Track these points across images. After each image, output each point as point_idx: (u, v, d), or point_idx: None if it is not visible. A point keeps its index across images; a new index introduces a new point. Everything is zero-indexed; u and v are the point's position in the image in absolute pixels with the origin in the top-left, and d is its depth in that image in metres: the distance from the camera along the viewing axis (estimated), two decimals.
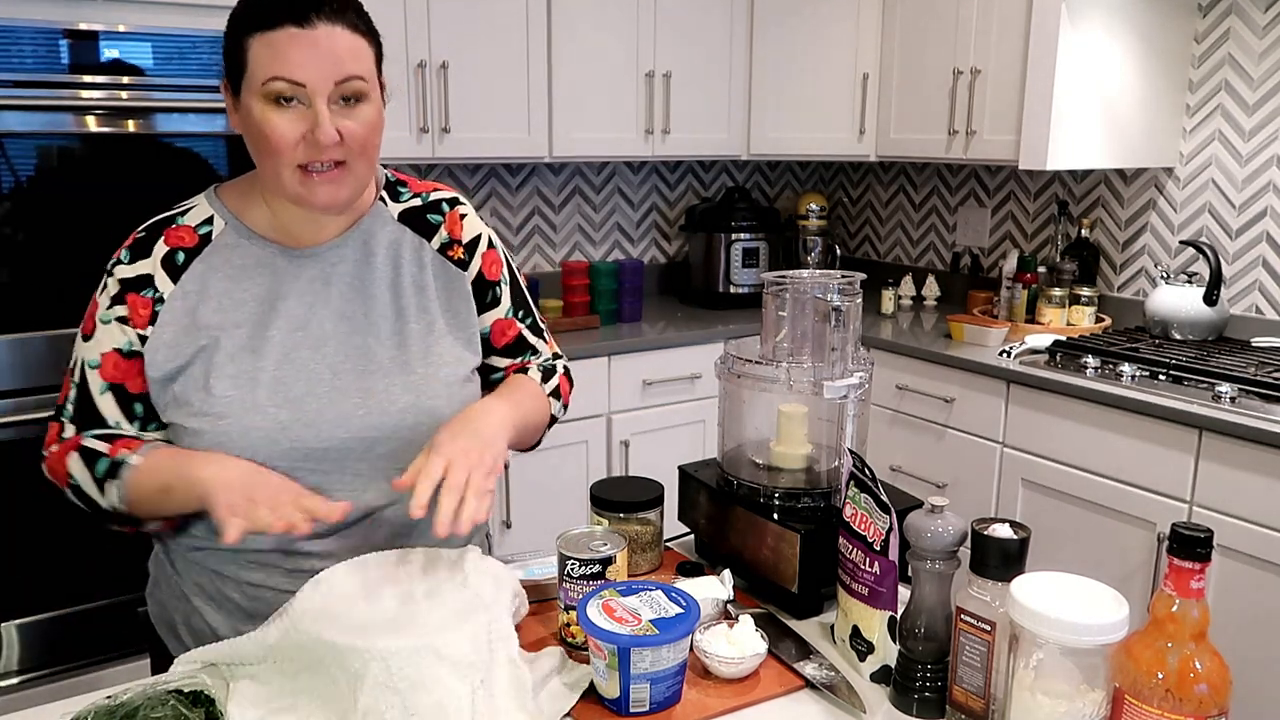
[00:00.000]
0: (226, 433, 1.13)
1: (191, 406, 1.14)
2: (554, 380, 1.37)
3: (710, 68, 3.12)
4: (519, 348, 1.37)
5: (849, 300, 1.22)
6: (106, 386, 1.17)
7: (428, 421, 1.20)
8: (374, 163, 1.19)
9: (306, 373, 1.17)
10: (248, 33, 1.09)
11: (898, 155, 3.13)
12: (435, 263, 1.28)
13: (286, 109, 1.09)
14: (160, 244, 1.19)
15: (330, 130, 1.09)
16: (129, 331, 1.17)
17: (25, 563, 2.12)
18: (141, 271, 1.17)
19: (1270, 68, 2.52)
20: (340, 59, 1.09)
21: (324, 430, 1.16)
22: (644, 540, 1.29)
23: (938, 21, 2.91)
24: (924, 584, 1.01)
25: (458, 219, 1.31)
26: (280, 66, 1.07)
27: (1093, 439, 2.29)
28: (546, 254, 3.34)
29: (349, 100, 1.11)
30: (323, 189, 1.13)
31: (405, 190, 1.31)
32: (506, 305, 1.34)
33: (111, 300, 1.18)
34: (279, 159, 1.11)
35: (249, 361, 1.16)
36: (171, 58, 2.13)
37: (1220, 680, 0.79)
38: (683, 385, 2.92)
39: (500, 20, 2.73)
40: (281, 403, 1.15)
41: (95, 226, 2.09)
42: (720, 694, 1.04)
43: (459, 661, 0.94)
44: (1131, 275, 2.90)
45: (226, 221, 1.21)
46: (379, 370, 1.20)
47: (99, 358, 1.17)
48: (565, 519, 2.73)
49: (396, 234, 1.27)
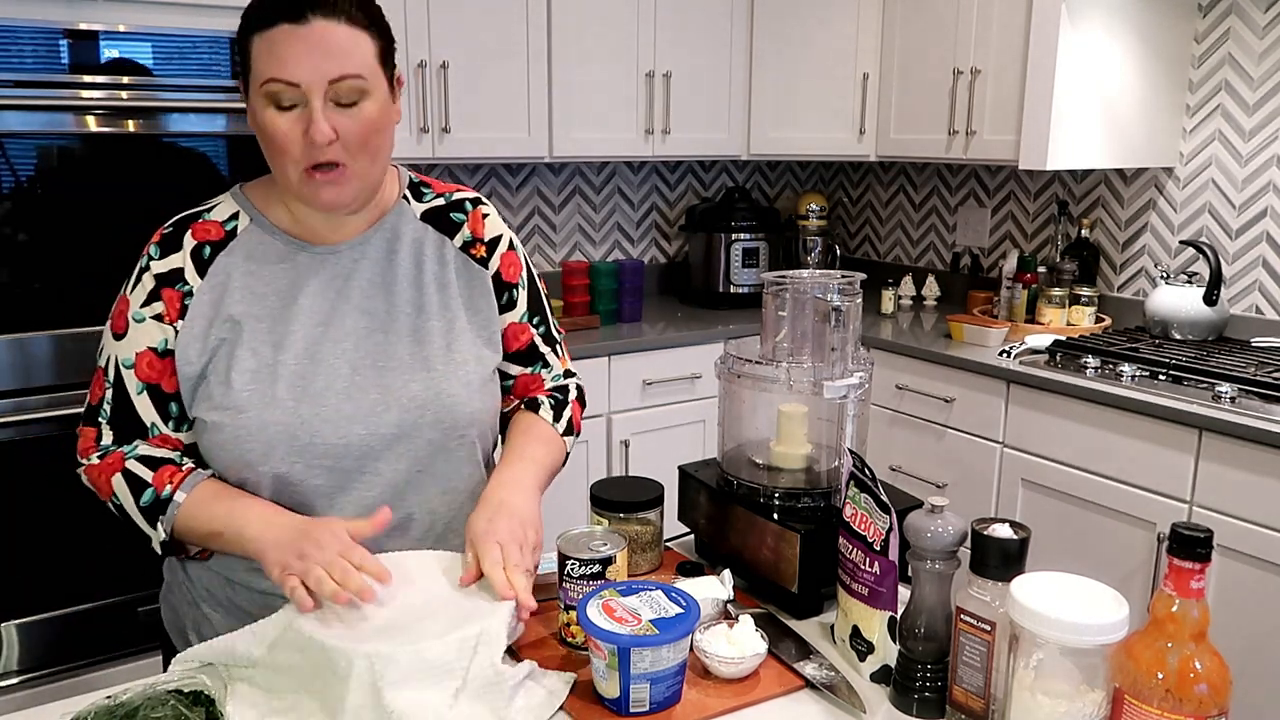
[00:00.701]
0: (245, 427, 1.13)
1: (212, 400, 1.14)
2: (566, 414, 1.33)
3: (710, 68, 3.12)
4: (530, 356, 1.34)
5: (849, 300, 1.22)
6: (143, 387, 1.16)
7: (447, 420, 1.20)
8: (381, 160, 1.18)
9: (326, 368, 1.17)
10: (250, 32, 1.09)
11: (898, 155, 3.13)
12: (458, 260, 1.27)
13: (287, 110, 1.09)
14: (188, 237, 1.19)
15: (324, 129, 1.08)
16: (165, 329, 1.16)
17: (25, 563, 2.12)
18: (173, 266, 1.17)
19: (1270, 68, 2.51)
20: (334, 57, 1.07)
21: (342, 427, 1.16)
22: (644, 540, 1.29)
23: (938, 21, 2.91)
24: (924, 584, 1.01)
25: (480, 218, 1.30)
26: (276, 68, 1.07)
27: (1093, 439, 2.29)
28: (546, 254, 3.34)
29: (346, 98, 1.10)
30: (326, 189, 1.13)
31: (429, 190, 1.31)
32: (522, 309, 1.32)
33: (148, 297, 1.17)
34: (284, 159, 1.11)
35: (269, 355, 1.16)
36: (172, 58, 2.13)
37: (1220, 680, 0.79)
38: (683, 385, 2.92)
39: (500, 20, 2.73)
40: (301, 398, 1.15)
41: (96, 227, 2.09)
42: (720, 694, 1.04)
43: (441, 666, 0.94)
44: (1131, 275, 2.90)
45: (251, 218, 1.21)
46: (399, 367, 1.19)
47: (134, 357, 1.16)
48: (565, 519, 2.72)
49: (419, 232, 1.26)
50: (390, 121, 1.17)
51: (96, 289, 2.09)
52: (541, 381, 1.36)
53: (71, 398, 2.09)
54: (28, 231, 2.04)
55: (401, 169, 1.32)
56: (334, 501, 1.17)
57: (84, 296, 2.10)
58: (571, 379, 1.39)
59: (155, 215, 1.24)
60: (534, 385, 1.35)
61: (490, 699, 0.97)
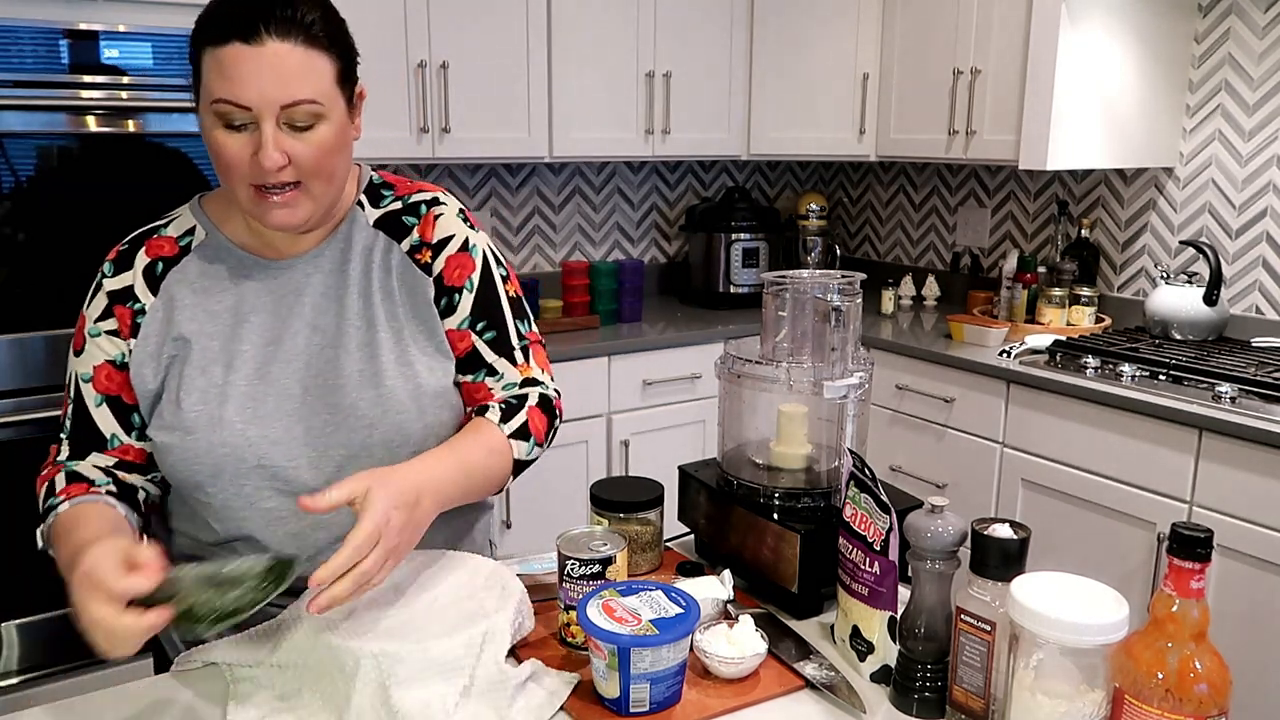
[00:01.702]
0: (193, 449, 1.12)
1: (163, 419, 1.13)
2: (518, 418, 1.21)
3: (710, 68, 3.12)
4: (471, 363, 1.24)
5: (849, 300, 1.22)
6: (102, 399, 1.16)
7: (397, 438, 1.16)
8: (335, 182, 1.13)
9: (277, 388, 1.15)
10: (201, 45, 1.05)
11: (898, 155, 3.13)
12: (401, 266, 1.21)
13: (237, 130, 1.05)
14: (141, 255, 1.18)
15: (273, 155, 1.04)
16: (119, 344, 1.16)
17: (25, 563, 2.12)
18: (125, 284, 1.17)
19: (1270, 68, 2.51)
20: (287, 82, 1.03)
21: (293, 449, 1.14)
22: (644, 540, 1.29)
23: (938, 21, 2.91)
24: (924, 584, 1.01)
25: (432, 220, 1.23)
26: (226, 88, 1.02)
27: (1093, 439, 2.29)
28: (546, 254, 3.34)
29: (301, 122, 1.06)
30: (276, 211, 1.09)
31: (389, 194, 1.25)
32: (463, 315, 1.23)
33: (101, 313, 1.17)
34: (231, 177, 1.08)
35: (220, 375, 1.14)
36: (171, 58, 2.13)
37: (1220, 680, 0.79)
38: (683, 385, 2.92)
39: (500, 20, 2.73)
40: (250, 419, 1.13)
41: (95, 226, 2.09)
42: (720, 694, 1.03)
43: (447, 665, 0.94)
44: (1131, 275, 2.90)
45: (207, 232, 1.19)
46: (348, 384, 1.15)
47: (91, 370, 1.16)
48: (565, 519, 2.73)
49: (370, 239, 1.22)
50: (347, 141, 1.13)
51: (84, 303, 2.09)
52: (488, 390, 1.25)
53: None
54: (28, 231, 2.04)
55: (365, 168, 1.27)
56: (285, 524, 1.15)
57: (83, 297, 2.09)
58: (534, 387, 1.26)
59: (154, 215, 1.24)
60: (479, 394, 1.25)
61: (494, 699, 0.97)
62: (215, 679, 1.06)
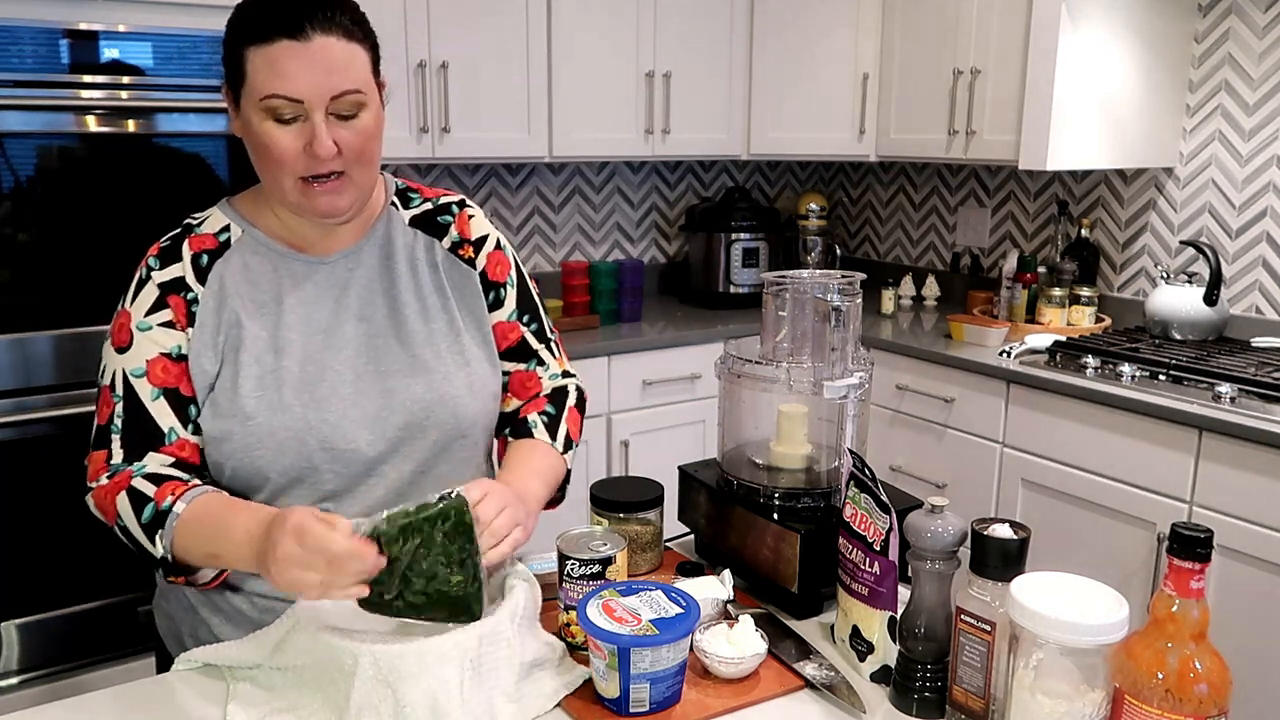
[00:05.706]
0: (255, 433, 1.13)
1: (219, 407, 1.14)
2: (561, 431, 1.31)
3: (710, 68, 3.12)
4: (523, 353, 1.34)
5: (849, 300, 1.22)
6: (159, 392, 1.15)
7: (450, 422, 1.21)
8: (375, 168, 1.19)
9: (330, 374, 1.18)
10: (244, 44, 1.09)
11: (898, 155, 3.13)
12: (447, 262, 1.28)
13: (287, 123, 1.09)
14: (185, 248, 1.19)
15: (328, 144, 1.09)
16: (176, 335, 1.16)
17: (25, 563, 2.12)
18: (175, 275, 1.17)
19: (1270, 68, 2.51)
20: (335, 72, 1.08)
21: (349, 431, 1.16)
22: (644, 540, 1.29)
23: (938, 21, 2.91)
24: (924, 584, 1.01)
25: (466, 219, 1.31)
26: (278, 84, 1.07)
27: (1093, 439, 2.29)
28: (546, 254, 3.34)
29: (347, 111, 1.11)
30: (323, 199, 1.13)
31: (416, 196, 1.32)
32: (511, 308, 1.32)
33: (153, 305, 1.16)
34: (280, 171, 1.11)
35: (272, 361, 1.16)
36: (171, 58, 2.13)
37: (1220, 680, 0.79)
38: (683, 385, 2.92)
39: (500, 20, 2.73)
40: (308, 402, 1.15)
41: (95, 226, 2.09)
42: (720, 694, 1.04)
43: (445, 653, 0.94)
44: (1131, 275, 2.90)
45: (242, 229, 1.21)
46: (401, 371, 1.20)
47: (144, 365, 1.14)
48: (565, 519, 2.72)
49: (410, 237, 1.28)
50: (382, 127, 1.18)
51: (97, 289, 2.09)
52: (538, 379, 1.34)
53: (71, 398, 2.09)
54: (28, 231, 2.04)
55: (388, 176, 1.33)
56: (339, 503, 1.17)
57: (84, 296, 2.10)
58: (570, 379, 1.38)
59: (155, 215, 1.25)
60: (530, 382, 1.34)
61: (500, 686, 0.97)
62: (215, 679, 1.06)
